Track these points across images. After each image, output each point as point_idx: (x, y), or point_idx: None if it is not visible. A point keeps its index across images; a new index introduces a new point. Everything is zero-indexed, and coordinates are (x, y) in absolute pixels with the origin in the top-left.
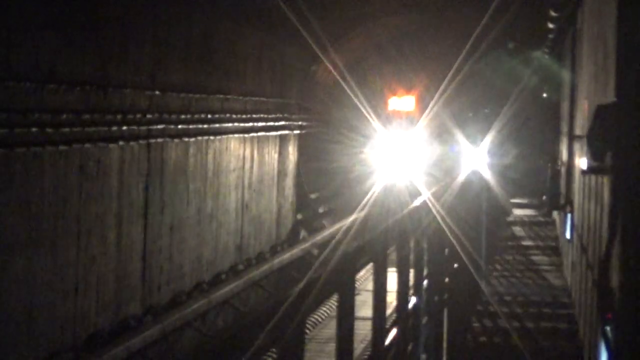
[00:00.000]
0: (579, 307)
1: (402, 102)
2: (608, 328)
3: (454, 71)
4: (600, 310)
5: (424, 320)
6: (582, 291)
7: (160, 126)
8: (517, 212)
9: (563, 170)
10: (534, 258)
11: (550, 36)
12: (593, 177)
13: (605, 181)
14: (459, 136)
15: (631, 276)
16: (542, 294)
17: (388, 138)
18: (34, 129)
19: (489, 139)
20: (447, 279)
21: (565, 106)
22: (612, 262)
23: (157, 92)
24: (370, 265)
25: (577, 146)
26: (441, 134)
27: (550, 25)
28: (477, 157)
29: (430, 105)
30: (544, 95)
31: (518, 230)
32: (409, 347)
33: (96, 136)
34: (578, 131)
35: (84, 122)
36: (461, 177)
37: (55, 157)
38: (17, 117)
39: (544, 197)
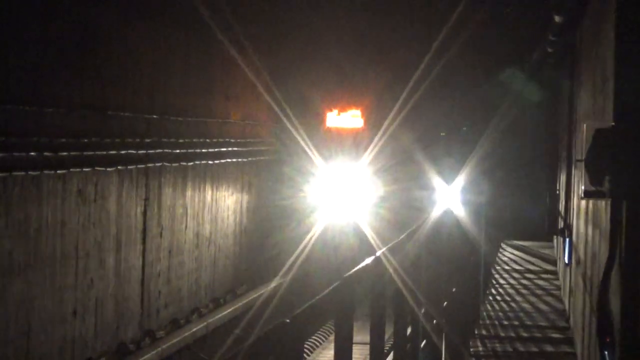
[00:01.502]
0: (576, 330)
1: (345, 118)
2: (606, 352)
3: (418, 78)
4: (598, 334)
5: (422, 344)
6: (580, 314)
7: (158, 150)
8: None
9: (562, 194)
10: (532, 282)
11: (550, 60)
12: (591, 201)
13: (604, 205)
14: (427, 165)
15: (629, 300)
16: (539, 317)
17: (325, 167)
18: (32, 153)
19: (467, 169)
20: (445, 303)
21: (563, 130)
22: (611, 285)
23: (155, 116)
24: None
25: (575, 170)
26: (402, 161)
27: (549, 49)
28: (451, 194)
29: (386, 122)
30: (542, 118)
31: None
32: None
33: (94, 160)
34: (576, 155)
35: (82, 145)
36: (429, 222)
37: (54, 181)
38: (16, 140)
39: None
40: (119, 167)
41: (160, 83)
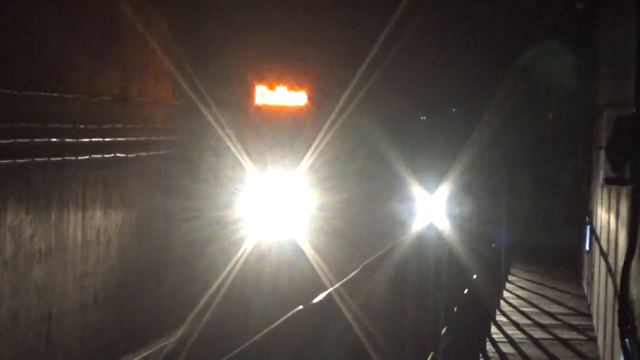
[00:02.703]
0: (597, 318)
1: (283, 93)
2: (627, 340)
3: (387, 42)
4: (619, 322)
5: (443, 331)
6: (601, 302)
7: (178, 137)
8: None
9: (584, 182)
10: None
11: (570, 41)
12: (612, 188)
13: (624, 192)
14: (398, 157)
15: None
16: (560, 304)
17: (253, 169)
18: (54, 139)
19: (458, 167)
20: (465, 290)
21: (584, 117)
22: (632, 273)
23: (176, 103)
24: None
25: (596, 158)
26: (366, 155)
27: (570, 34)
28: (436, 200)
29: (342, 99)
30: (560, 103)
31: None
32: (429, 358)
33: (116, 147)
34: (598, 142)
35: (103, 132)
36: (401, 247)
37: (75, 167)
38: (38, 126)
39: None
40: (140, 154)
41: None
